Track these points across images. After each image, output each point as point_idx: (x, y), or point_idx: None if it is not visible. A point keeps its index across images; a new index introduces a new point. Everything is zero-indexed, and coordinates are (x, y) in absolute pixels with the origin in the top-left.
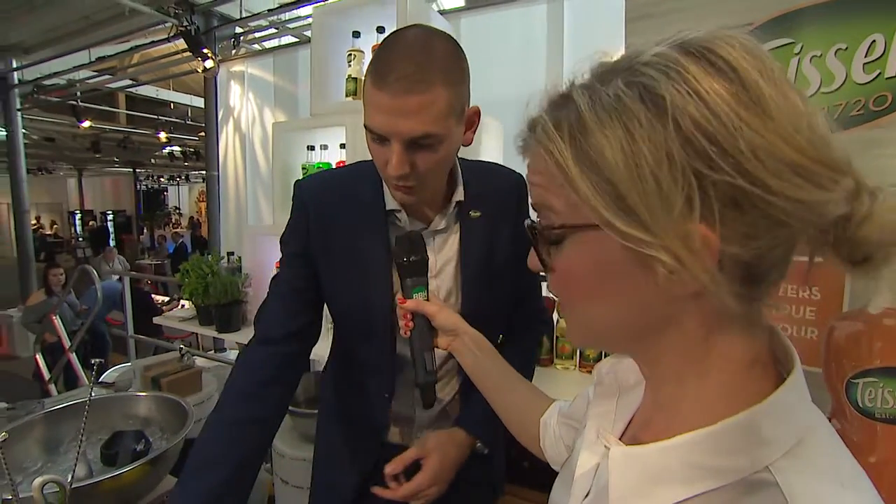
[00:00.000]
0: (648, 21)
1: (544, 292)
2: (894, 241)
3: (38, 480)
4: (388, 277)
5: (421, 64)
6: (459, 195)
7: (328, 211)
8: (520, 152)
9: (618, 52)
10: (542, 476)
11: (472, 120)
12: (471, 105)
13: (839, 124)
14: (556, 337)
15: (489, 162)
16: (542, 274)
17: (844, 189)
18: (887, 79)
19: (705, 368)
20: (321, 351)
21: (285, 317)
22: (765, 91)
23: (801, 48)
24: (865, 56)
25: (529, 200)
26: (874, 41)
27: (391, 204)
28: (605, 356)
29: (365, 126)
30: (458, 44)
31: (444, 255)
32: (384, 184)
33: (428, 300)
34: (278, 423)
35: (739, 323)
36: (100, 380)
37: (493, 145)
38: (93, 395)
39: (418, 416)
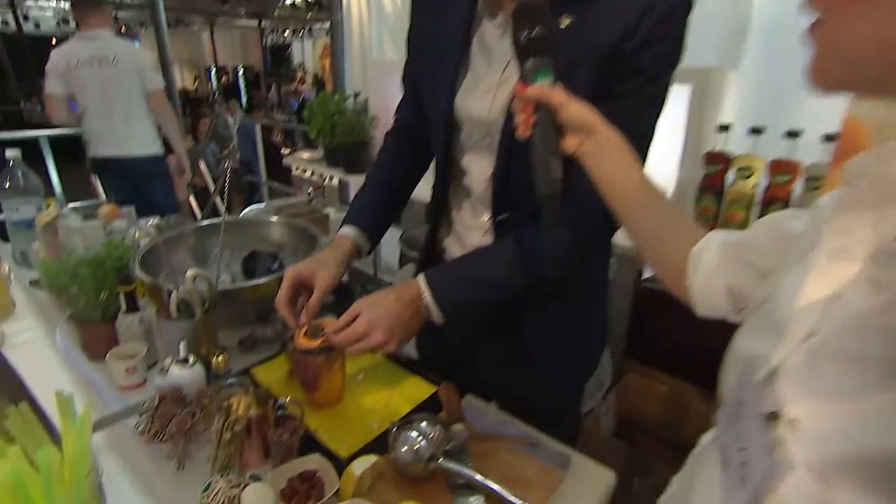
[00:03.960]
0: None
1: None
2: None
3: (190, 272)
4: (454, 64)
5: None
6: None
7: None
8: None
9: None
10: (664, 355)
11: None
12: None
13: None
14: None
15: None
16: None
17: None
18: None
19: None
20: None
21: (406, 107)
22: None
23: None
24: None
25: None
26: None
27: None
28: None
29: None
30: None
31: (497, 56)
32: None
33: (555, 87)
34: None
35: None
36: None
37: None
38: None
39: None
